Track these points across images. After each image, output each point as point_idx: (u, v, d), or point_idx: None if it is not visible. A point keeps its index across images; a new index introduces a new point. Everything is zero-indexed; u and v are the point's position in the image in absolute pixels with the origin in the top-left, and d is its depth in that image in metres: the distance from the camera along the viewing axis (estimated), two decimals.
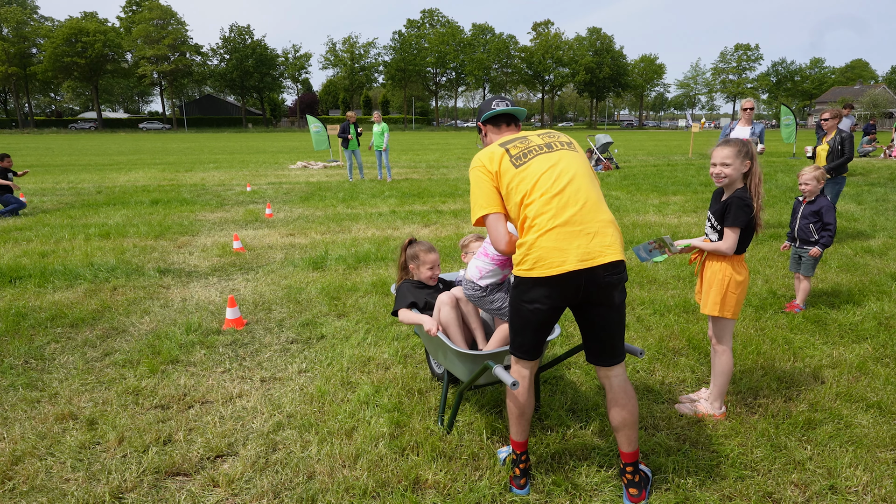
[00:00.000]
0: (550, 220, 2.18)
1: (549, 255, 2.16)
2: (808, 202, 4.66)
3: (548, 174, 2.26)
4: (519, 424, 2.49)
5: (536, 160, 2.31)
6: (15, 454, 2.76)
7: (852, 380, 3.50)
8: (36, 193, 12.71)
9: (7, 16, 72.46)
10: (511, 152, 2.35)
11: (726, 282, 2.93)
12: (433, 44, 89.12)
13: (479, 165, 2.38)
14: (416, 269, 3.30)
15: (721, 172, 2.90)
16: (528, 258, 2.19)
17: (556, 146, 2.39)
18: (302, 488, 2.53)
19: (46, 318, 4.61)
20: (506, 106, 2.57)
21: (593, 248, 2.17)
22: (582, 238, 2.18)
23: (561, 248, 2.16)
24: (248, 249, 7.15)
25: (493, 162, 2.34)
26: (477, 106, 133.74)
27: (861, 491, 2.49)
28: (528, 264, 2.20)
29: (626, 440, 2.40)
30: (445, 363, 2.97)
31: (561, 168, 2.29)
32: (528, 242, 2.20)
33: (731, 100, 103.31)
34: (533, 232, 2.19)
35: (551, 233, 2.17)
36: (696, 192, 11.97)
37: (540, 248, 2.17)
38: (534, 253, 2.18)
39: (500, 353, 2.70)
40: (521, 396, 2.45)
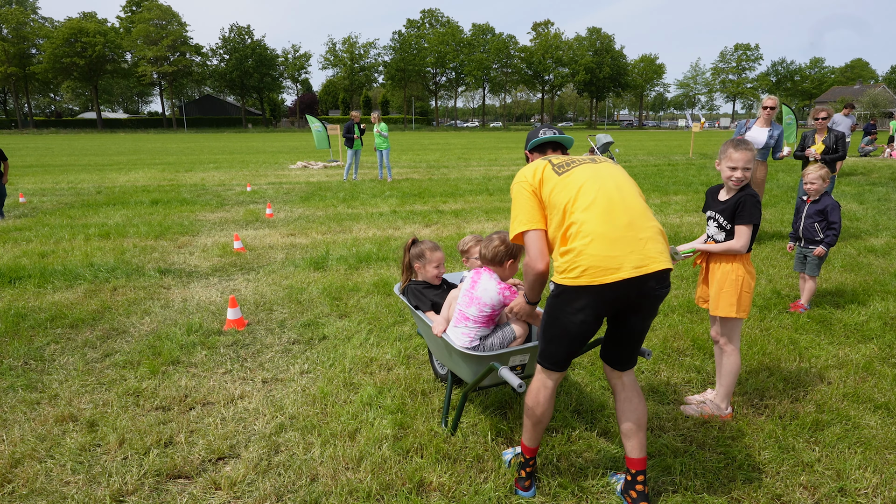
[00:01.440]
0: (601, 226, 2.10)
1: (602, 262, 2.06)
2: (812, 201, 4.64)
3: (593, 181, 2.20)
4: (534, 431, 2.43)
5: (579, 168, 2.28)
6: (14, 456, 2.73)
7: (859, 380, 3.47)
8: (35, 194, 12.68)
9: (7, 16, 72.42)
10: (553, 162, 2.34)
11: (740, 281, 2.91)
12: (433, 44, 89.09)
13: (522, 180, 2.33)
14: (421, 269, 3.26)
15: (743, 176, 2.86)
16: (577, 266, 2.08)
17: (599, 160, 2.37)
18: (305, 491, 2.50)
19: (46, 319, 4.58)
20: (553, 134, 2.57)
21: (647, 255, 2.10)
22: (635, 244, 2.10)
23: (614, 256, 2.06)
24: (248, 249, 7.11)
25: (535, 174, 2.31)
26: (478, 105, 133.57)
27: (871, 493, 2.46)
28: (575, 272, 2.09)
29: (639, 445, 2.34)
30: (450, 364, 2.94)
31: (605, 176, 2.24)
32: (577, 249, 2.09)
33: (730, 100, 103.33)
34: (581, 238, 2.09)
35: (603, 239, 2.08)
36: (698, 192, 11.94)
37: (590, 255, 2.07)
38: (583, 260, 2.07)
39: (505, 354, 2.67)
40: (542, 405, 2.35)
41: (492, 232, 2.94)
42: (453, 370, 2.93)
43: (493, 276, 2.79)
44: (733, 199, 2.93)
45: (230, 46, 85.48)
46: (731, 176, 2.89)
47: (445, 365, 3.05)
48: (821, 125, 6.75)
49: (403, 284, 3.35)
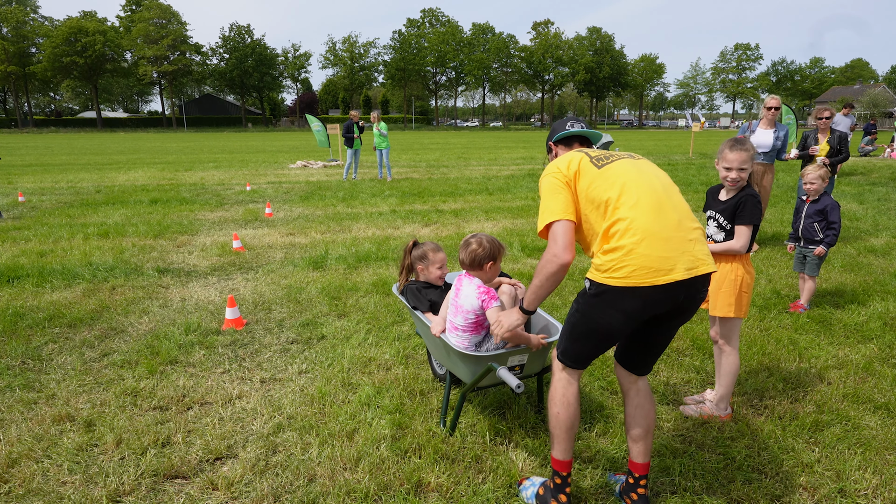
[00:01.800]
0: (652, 224, 2.00)
1: (654, 263, 1.96)
2: (812, 201, 4.63)
3: (637, 177, 2.10)
4: (568, 439, 2.23)
5: (621, 163, 2.16)
6: (11, 456, 2.72)
7: (859, 381, 3.46)
8: (35, 193, 12.66)
9: (7, 15, 72.38)
10: (591, 154, 2.21)
11: (739, 281, 2.90)
12: (433, 43, 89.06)
13: (555, 171, 2.19)
14: (424, 270, 3.24)
15: (738, 178, 2.87)
16: (625, 265, 1.97)
17: (637, 157, 2.28)
18: (302, 491, 2.49)
19: (44, 318, 4.57)
20: (581, 127, 2.44)
21: (697, 257, 2.03)
22: (686, 245, 2.03)
23: (667, 256, 1.97)
24: (247, 249, 7.10)
25: (570, 165, 2.17)
26: (478, 105, 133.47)
27: (871, 494, 2.45)
28: (623, 272, 1.97)
29: (645, 450, 2.29)
30: (448, 364, 2.93)
31: (649, 172, 2.16)
32: (626, 248, 1.97)
33: (730, 99, 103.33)
34: (630, 236, 1.98)
35: (655, 238, 1.98)
36: (698, 192, 11.94)
37: (642, 254, 1.96)
38: (634, 260, 1.96)
39: (503, 355, 2.66)
40: (572, 404, 2.21)
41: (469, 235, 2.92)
42: (452, 370, 2.92)
43: (472, 281, 2.78)
44: (734, 199, 2.92)
45: (230, 46, 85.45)
46: (727, 177, 2.91)
47: (444, 365, 3.04)
48: (824, 125, 6.64)
49: (402, 285, 3.34)
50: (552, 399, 2.25)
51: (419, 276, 3.29)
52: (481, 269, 2.79)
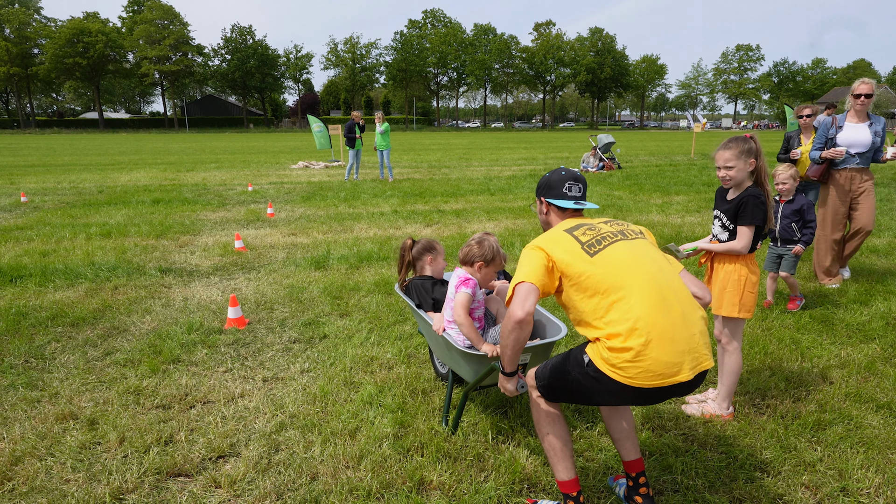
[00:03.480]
0: (659, 321, 1.91)
1: (662, 369, 1.89)
2: (786, 202, 4.64)
3: (634, 266, 2.01)
4: (564, 458, 2.19)
5: (614, 248, 2.06)
6: (15, 454, 2.73)
7: (861, 380, 3.46)
8: (37, 193, 12.69)
9: (9, 16, 72.57)
10: (581, 239, 2.09)
11: (743, 281, 2.90)
12: (434, 44, 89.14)
13: (539, 248, 2.10)
14: (432, 262, 3.29)
15: (726, 176, 2.89)
16: (633, 367, 1.89)
17: (630, 234, 2.15)
18: (305, 489, 2.49)
19: (47, 318, 4.58)
20: (578, 192, 2.31)
21: (700, 353, 1.96)
22: (691, 342, 1.94)
23: (675, 362, 1.90)
24: (249, 249, 7.11)
25: (556, 247, 2.08)
26: (479, 106, 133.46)
27: (873, 493, 2.45)
28: (630, 373, 1.90)
29: (633, 447, 2.29)
30: (451, 363, 2.94)
31: (647, 259, 2.05)
32: (635, 350, 1.88)
33: (732, 100, 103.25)
34: (637, 337, 1.89)
35: (662, 340, 1.90)
36: (699, 192, 11.93)
37: (651, 358, 1.88)
38: (642, 363, 1.89)
39: None
40: (558, 423, 2.18)
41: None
42: (454, 369, 2.93)
43: (456, 272, 2.89)
44: (736, 199, 2.92)
45: (232, 46, 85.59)
46: (718, 175, 2.93)
47: (446, 364, 3.05)
48: (805, 124, 6.13)
49: (403, 283, 3.36)
50: (537, 422, 2.22)
51: (424, 271, 3.31)
52: (471, 266, 2.89)
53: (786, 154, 6.27)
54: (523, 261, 2.11)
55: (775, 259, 4.79)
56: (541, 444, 2.21)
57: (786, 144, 6.29)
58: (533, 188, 12.80)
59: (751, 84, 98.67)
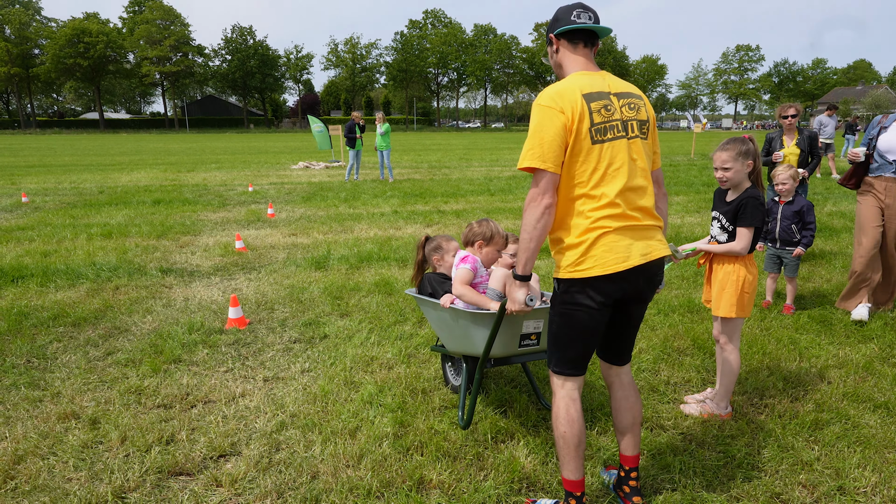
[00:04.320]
0: (618, 219, 2.05)
1: (612, 253, 2.03)
2: (786, 203, 4.63)
3: (623, 169, 2.07)
4: (576, 456, 2.17)
5: (616, 146, 2.07)
6: (17, 453, 2.74)
7: (859, 380, 3.48)
8: (38, 193, 12.72)
9: (10, 17, 72.64)
10: (594, 118, 2.04)
11: (741, 282, 2.92)
12: (435, 44, 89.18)
13: (555, 105, 2.02)
14: (440, 260, 3.26)
15: (723, 177, 2.92)
16: (587, 259, 2.04)
17: (633, 130, 2.13)
18: (306, 488, 2.51)
19: (49, 318, 4.60)
20: (588, 19, 2.15)
21: (650, 245, 2.11)
22: (644, 232, 2.11)
23: (626, 245, 2.05)
24: (250, 249, 7.13)
25: (574, 111, 2.02)
26: (479, 106, 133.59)
27: (870, 492, 2.47)
28: (589, 262, 2.04)
29: (633, 442, 2.34)
30: (463, 343, 2.88)
31: (637, 164, 2.12)
32: (590, 240, 2.03)
33: (732, 101, 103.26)
34: (598, 232, 2.04)
35: (618, 232, 2.05)
36: (699, 193, 11.94)
37: (606, 244, 2.03)
38: (598, 249, 2.03)
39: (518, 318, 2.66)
40: (577, 420, 2.16)
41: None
42: (467, 348, 2.88)
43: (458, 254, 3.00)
44: (736, 200, 2.93)
45: (232, 47, 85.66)
46: (715, 176, 2.97)
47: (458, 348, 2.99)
48: (789, 125, 5.73)
49: (416, 281, 3.32)
50: (556, 418, 2.21)
51: (436, 269, 3.31)
52: (472, 246, 3.00)
53: (767, 156, 5.87)
54: (538, 125, 2.03)
55: (775, 260, 4.80)
56: (554, 439, 2.23)
57: (767, 146, 5.92)
58: None
59: (751, 84, 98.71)
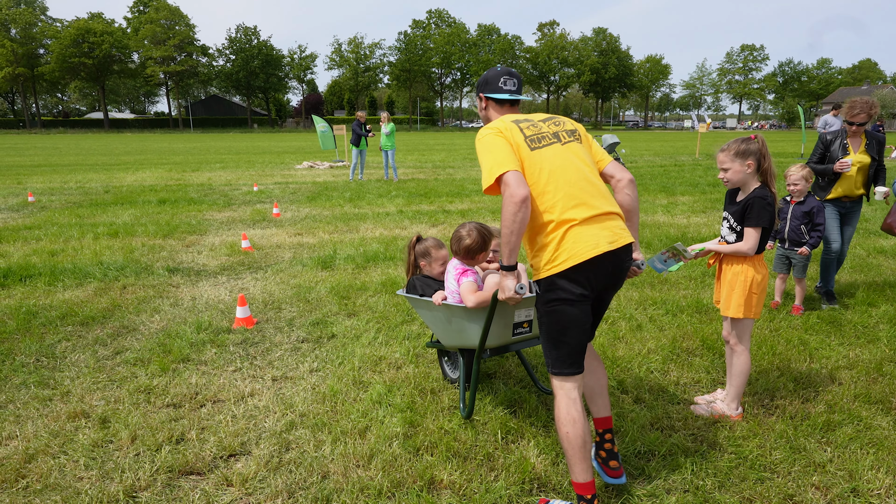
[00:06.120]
0: (577, 210, 2.19)
1: (581, 243, 2.15)
2: (797, 203, 4.60)
3: (564, 167, 2.25)
4: (583, 458, 2.19)
5: (551, 149, 2.28)
6: (28, 452, 2.75)
7: (870, 381, 3.46)
8: (44, 193, 12.76)
9: (15, 17, 72.93)
10: (525, 132, 2.30)
11: (748, 283, 2.90)
12: (438, 44, 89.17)
13: (495, 130, 2.28)
14: (427, 266, 3.30)
15: (723, 177, 2.92)
16: (562, 251, 2.17)
17: (565, 137, 2.36)
18: (316, 488, 2.50)
19: (57, 317, 4.61)
20: (513, 86, 2.48)
21: (615, 233, 2.23)
22: (605, 221, 2.23)
23: (593, 235, 2.17)
24: (256, 249, 7.14)
25: (509, 129, 2.28)
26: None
27: (884, 494, 2.45)
28: (560, 258, 2.17)
29: (603, 404, 2.49)
30: (457, 338, 2.99)
31: (576, 162, 2.29)
32: (559, 235, 2.17)
33: (736, 100, 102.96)
34: (564, 227, 2.17)
35: (581, 225, 2.18)
36: (705, 193, 11.90)
37: (574, 235, 2.17)
38: (568, 243, 2.16)
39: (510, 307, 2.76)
40: (579, 421, 2.18)
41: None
42: (462, 342, 2.97)
43: (452, 264, 3.03)
44: (743, 200, 2.92)
45: (236, 47, 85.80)
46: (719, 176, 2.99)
47: (453, 342, 3.06)
48: (856, 132, 4.62)
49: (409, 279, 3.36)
50: (558, 419, 2.23)
51: (422, 271, 3.35)
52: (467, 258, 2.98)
53: (821, 162, 4.76)
54: (492, 147, 2.23)
55: (784, 260, 4.78)
56: (560, 441, 2.26)
57: (822, 150, 4.75)
58: None
59: (755, 84, 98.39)
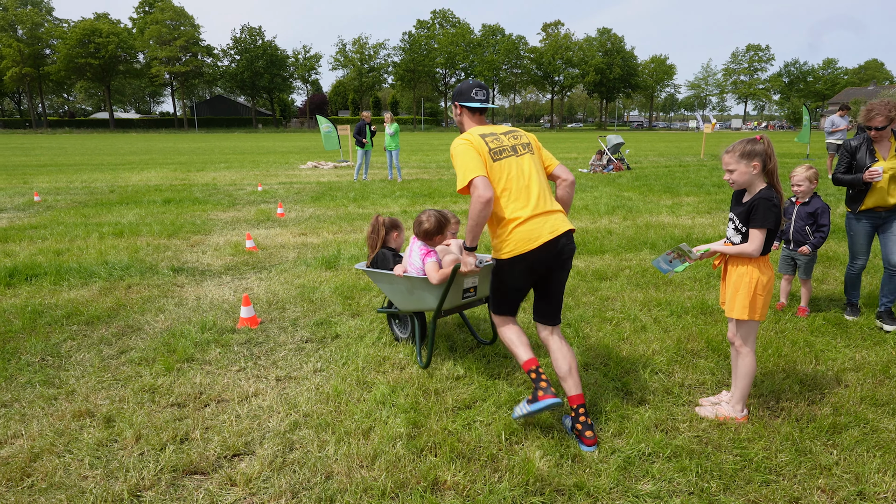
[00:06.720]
0: (525, 210, 2.83)
1: (527, 236, 2.81)
2: (802, 203, 4.58)
3: (518, 176, 2.90)
4: (524, 345, 2.98)
5: (509, 161, 2.92)
6: (33, 451, 2.76)
7: (877, 383, 3.44)
8: (50, 192, 12.82)
9: (22, 17, 73.33)
10: (490, 145, 2.92)
11: (754, 284, 2.88)
12: (443, 44, 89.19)
13: (469, 141, 2.90)
14: (399, 236, 4.01)
15: (728, 178, 2.90)
16: (509, 241, 2.84)
17: (520, 150, 2.99)
18: (320, 488, 2.50)
19: (62, 316, 4.63)
20: (483, 96, 3.09)
21: (555, 224, 2.86)
22: (547, 217, 2.87)
23: (535, 229, 2.82)
24: (260, 248, 7.15)
25: (477, 142, 2.90)
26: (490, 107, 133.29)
27: (891, 497, 2.43)
28: (509, 246, 2.84)
29: (574, 383, 2.88)
30: (415, 303, 3.66)
31: (527, 171, 2.93)
32: (509, 230, 2.83)
33: (742, 101, 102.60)
34: (513, 223, 2.83)
35: (527, 221, 2.82)
36: (710, 194, 11.86)
37: (520, 232, 2.82)
38: (515, 236, 2.82)
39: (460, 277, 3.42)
40: (516, 332, 3.03)
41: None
42: (419, 307, 3.65)
43: (415, 244, 3.60)
44: (749, 201, 2.90)
45: (241, 47, 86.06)
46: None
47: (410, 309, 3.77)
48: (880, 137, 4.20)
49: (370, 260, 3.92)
50: (502, 336, 3.06)
51: (389, 243, 3.96)
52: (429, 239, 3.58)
53: (848, 173, 4.33)
54: (464, 156, 2.86)
55: (789, 261, 4.76)
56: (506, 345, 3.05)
57: (849, 158, 4.33)
58: None
59: (761, 84, 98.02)
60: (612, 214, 9.40)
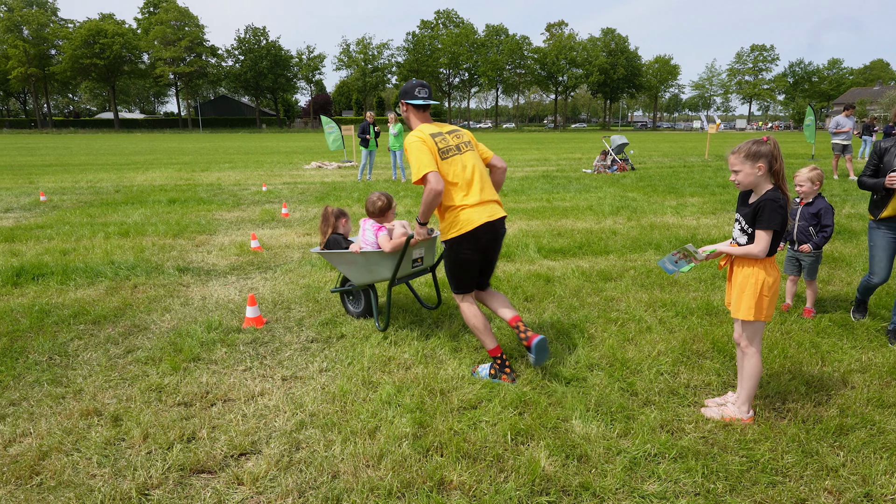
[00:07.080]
0: (469, 199, 3.41)
1: (471, 218, 3.39)
2: (805, 204, 4.57)
3: (462, 171, 3.45)
4: (488, 335, 3.52)
5: (454, 159, 3.46)
6: (42, 449, 2.78)
7: (883, 385, 3.43)
8: (56, 192, 12.88)
9: (28, 18, 73.67)
10: (439, 145, 3.43)
11: (759, 285, 2.88)
12: (446, 45, 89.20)
13: (422, 140, 3.39)
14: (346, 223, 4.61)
15: (734, 179, 2.90)
16: (457, 223, 3.41)
17: (463, 148, 3.53)
18: (326, 487, 2.51)
19: (69, 315, 4.65)
20: (426, 94, 3.56)
21: (493, 211, 3.48)
22: (487, 205, 3.47)
23: (477, 213, 3.40)
24: (265, 248, 7.17)
25: (430, 142, 3.40)
26: (491, 106, 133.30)
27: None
28: (457, 227, 3.41)
29: (508, 310, 3.59)
30: (372, 275, 4.22)
31: (470, 166, 3.49)
32: (455, 214, 3.42)
33: (746, 101, 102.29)
34: (459, 209, 3.41)
35: (471, 207, 3.41)
36: (714, 194, 11.83)
37: (465, 215, 3.40)
38: (462, 218, 3.40)
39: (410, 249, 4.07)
40: (478, 316, 3.54)
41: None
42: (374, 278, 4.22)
43: (367, 222, 4.21)
44: (755, 202, 2.90)
45: (245, 47, 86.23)
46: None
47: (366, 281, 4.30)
48: None
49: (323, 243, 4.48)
50: (465, 318, 3.58)
51: (338, 229, 4.54)
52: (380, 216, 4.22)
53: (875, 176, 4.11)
54: (419, 153, 3.35)
55: (794, 262, 4.75)
56: (471, 329, 3.60)
57: (877, 160, 4.10)
58: (546, 188, 12.80)
59: (766, 85, 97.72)
60: (617, 215, 9.39)
